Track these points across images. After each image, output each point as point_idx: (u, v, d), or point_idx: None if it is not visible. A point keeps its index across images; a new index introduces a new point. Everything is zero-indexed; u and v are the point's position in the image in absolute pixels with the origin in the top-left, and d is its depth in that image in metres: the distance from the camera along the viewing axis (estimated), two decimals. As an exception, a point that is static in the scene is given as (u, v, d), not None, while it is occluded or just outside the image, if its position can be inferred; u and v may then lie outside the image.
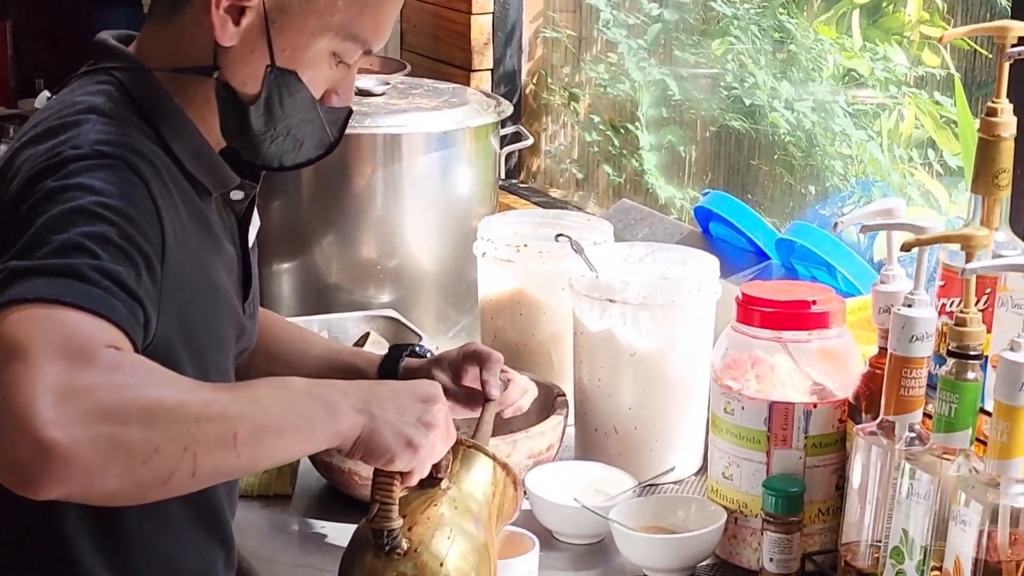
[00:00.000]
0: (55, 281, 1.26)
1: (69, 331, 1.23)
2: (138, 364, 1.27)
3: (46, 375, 1.19)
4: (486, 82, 3.11)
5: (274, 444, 1.31)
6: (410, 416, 1.38)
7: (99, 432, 1.19)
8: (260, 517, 1.88)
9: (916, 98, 2.42)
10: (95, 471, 1.19)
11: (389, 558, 1.39)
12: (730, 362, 1.72)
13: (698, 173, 2.83)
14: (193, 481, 1.26)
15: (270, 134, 1.52)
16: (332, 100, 1.54)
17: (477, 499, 1.48)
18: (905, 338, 1.52)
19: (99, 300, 1.27)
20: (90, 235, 1.31)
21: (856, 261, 2.07)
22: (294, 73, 1.49)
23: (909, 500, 1.50)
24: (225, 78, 1.49)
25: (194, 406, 1.25)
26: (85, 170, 1.36)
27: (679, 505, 1.79)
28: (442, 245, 2.33)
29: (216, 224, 1.56)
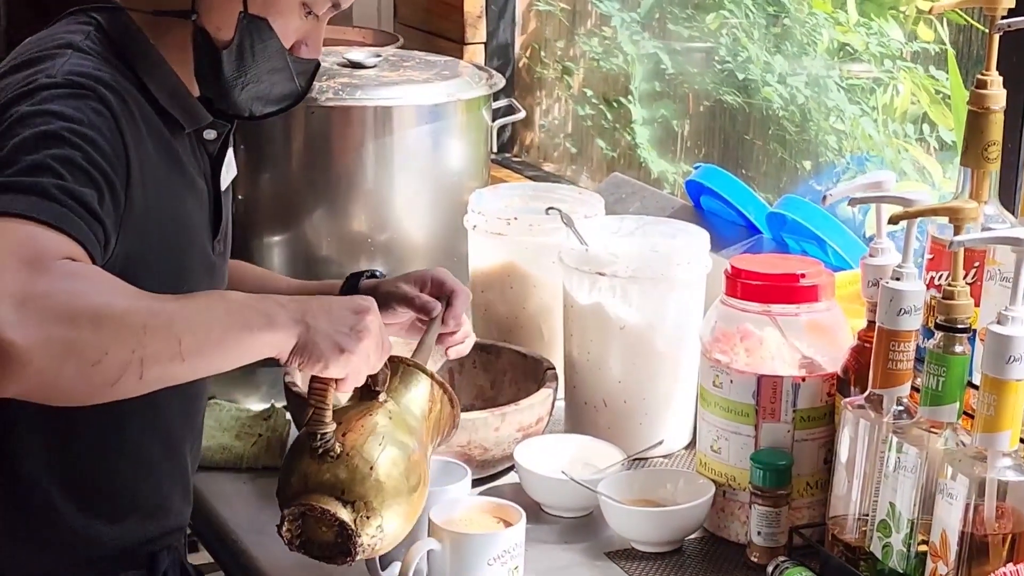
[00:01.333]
0: (20, 197, 1.33)
1: (29, 242, 1.30)
2: (92, 273, 1.34)
3: (5, 281, 1.25)
4: (479, 55, 3.10)
5: (216, 352, 1.37)
6: (343, 326, 1.43)
7: (53, 334, 1.25)
8: (249, 489, 1.88)
9: (911, 73, 2.41)
10: (48, 370, 1.26)
11: (323, 460, 1.45)
12: (719, 335, 1.72)
13: (691, 148, 2.83)
14: (141, 383, 1.32)
15: (241, 80, 1.59)
16: (301, 51, 1.63)
17: (414, 413, 1.54)
18: (893, 311, 1.52)
19: (60, 216, 1.34)
20: (57, 157, 1.38)
21: (847, 235, 2.06)
22: (265, 20, 1.58)
23: (896, 473, 1.50)
24: (201, 23, 1.57)
25: (142, 313, 1.31)
26: (56, 97, 1.44)
27: (667, 478, 1.79)
28: (433, 218, 2.32)
29: (188, 161, 1.63)
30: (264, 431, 1.96)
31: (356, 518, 1.44)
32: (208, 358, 1.37)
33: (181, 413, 1.68)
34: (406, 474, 1.48)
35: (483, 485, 1.85)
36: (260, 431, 1.96)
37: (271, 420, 1.99)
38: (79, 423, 1.56)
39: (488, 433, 1.81)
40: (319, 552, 1.48)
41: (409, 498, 1.48)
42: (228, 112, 1.64)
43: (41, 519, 1.58)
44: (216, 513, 1.83)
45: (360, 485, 1.45)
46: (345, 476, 1.44)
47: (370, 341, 1.45)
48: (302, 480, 1.46)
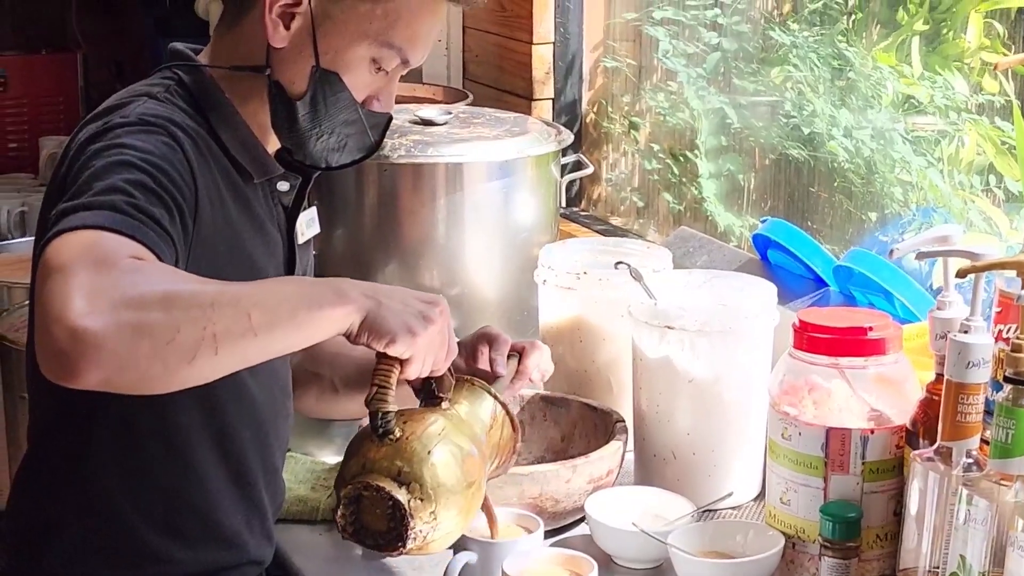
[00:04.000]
0: (94, 213, 1.41)
1: (98, 246, 1.38)
2: (158, 265, 1.41)
3: (77, 279, 1.33)
4: (547, 111, 3.14)
5: (288, 326, 1.41)
6: (413, 309, 1.48)
7: (124, 318, 1.32)
8: (325, 540, 1.91)
9: (977, 124, 2.42)
10: (124, 353, 1.32)
11: (382, 442, 1.49)
12: (787, 388, 1.73)
13: (757, 201, 2.84)
14: (218, 360, 1.37)
15: (316, 131, 1.67)
16: (373, 105, 1.69)
17: (474, 426, 1.59)
18: (961, 364, 1.53)
19: (132, 226, 1.42)
20: (129, 181, 1.46)
21: (914, 288, 2.07)
22: (336, 74, 1.65)
23: (966, 526, 1.50)
24: (276, 76, 1.65)
25: (209, 293, 1.38)
26: (128, 133, 1.53)
27: (737, 530, 1.80)
28: (503, 273, 2.35)
29: (260, 208, 1.70)
30: (339, 483, 1.99)
31: (411, 500, 1.47)
32: (281, 332, 1.40)
33: (252, 443, 1.71)
34: (463, 470, 1.51)
35: (554, 536, 1.87)
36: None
37: (345, 472, 2.02)
38: (149, 446, 1.63)
39: (559, 485, 1.83)
40: (372, 540, 1.50)
41: (464, 493, 1.51)
42: (305, 163, 1.70)
43: (114, 534, 1.65)
44: (291, 563, 1.86)
45: (417, 468, 1.48)
46: (403, 458, 1.48)
47: (437, 328, 1.49)
48: (360, 462, 1.50)
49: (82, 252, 1.36)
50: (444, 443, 1.51)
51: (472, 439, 1.56)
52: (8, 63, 4.50)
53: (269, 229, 1.71)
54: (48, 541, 1.65)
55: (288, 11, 1.63)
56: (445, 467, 1.49)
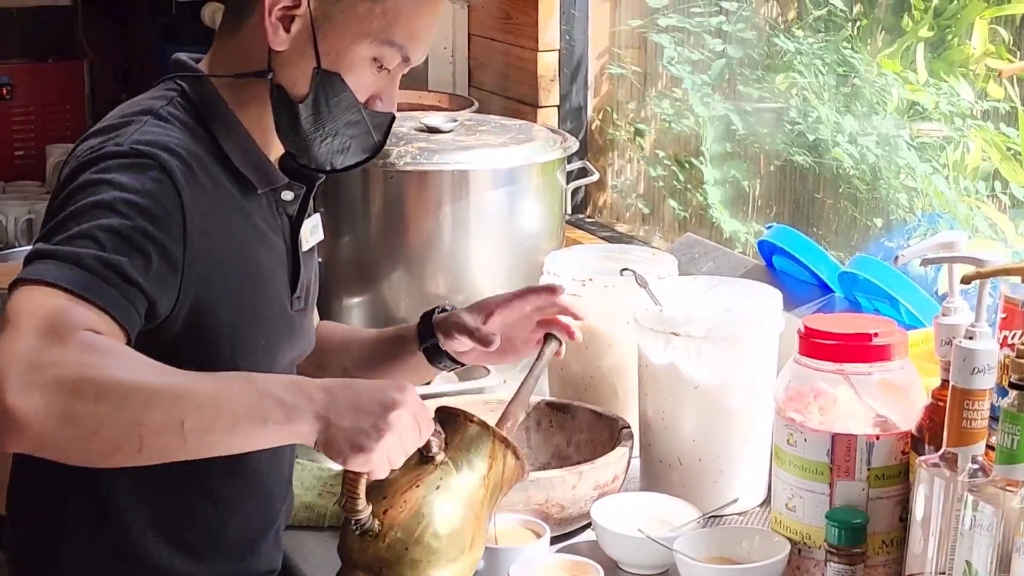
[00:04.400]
0: (59, 266, 1.42)
1: (54, 312, 1.38)
2: (110, 347, 1.40)
3: (23, 347, 1.34)
4: (553, 118, 3.14)
5: (223, 437, 1.41)
6: (365, 423, 1.43)
7: (52, 402, 1.33)
8: (331, 546, 1.90)
9: (982, 130, 2.42)
10: (46, 436, 1.34)
11: (363, 539, 1.52)
12: (793, 394, 1.73)
13: (763, 207, 2.85)
14: (141, 456, 1.38)
15: (319, 133, 1.66)
16: (376, 105, 1.69)
17: (472, 473, 1.57)
18: (967, 370, 1.53)
19: (90, 286, 1.42)
20: (104, 227, 1.47)
21: (919, 294, 2.07)
22: (338, 75, 1.64)
23: (972, 532, 1.50)
24: (278, 80, 1.65)
25: (147, 390, 1.37)
26: (117, 167, 1.53)
27: (743, 536, 1.80)
28: (509, 279, 2.36)
29: (263, 219, 1.69)
30: (345, 490, 2.00)
31: None
32: (214, 441, 1.40)
33: (268, 457, 1.72)
34: (449, 544, 1.52)
35: (560, 543, 1.87)
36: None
37: (352, 479, 2.02)
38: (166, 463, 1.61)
39: (565, 491, 1.84)
40: None
41: (453, 564, 1.53)
42: (310, 166, 1.70)
43: (122, 546, 1.65)
44: (299, 570, 1.86)
45: (398, 564, 1.51)
46: (384, 555, 1.51)
47: (392, 437, 1.44)
48: (348, 554, 1.55)
49: (36, 316, 1.37)
50: (428, 524, 1.52)
51: (464, 495, 1.55)
52: (14, 71, 4.50)
53: (273, 240, 1.71)
54: (54, 550, 1.65)
55: (288, 13, 1.63)
56: (427, 552, 1.51)
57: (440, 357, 1.91)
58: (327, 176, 1.75)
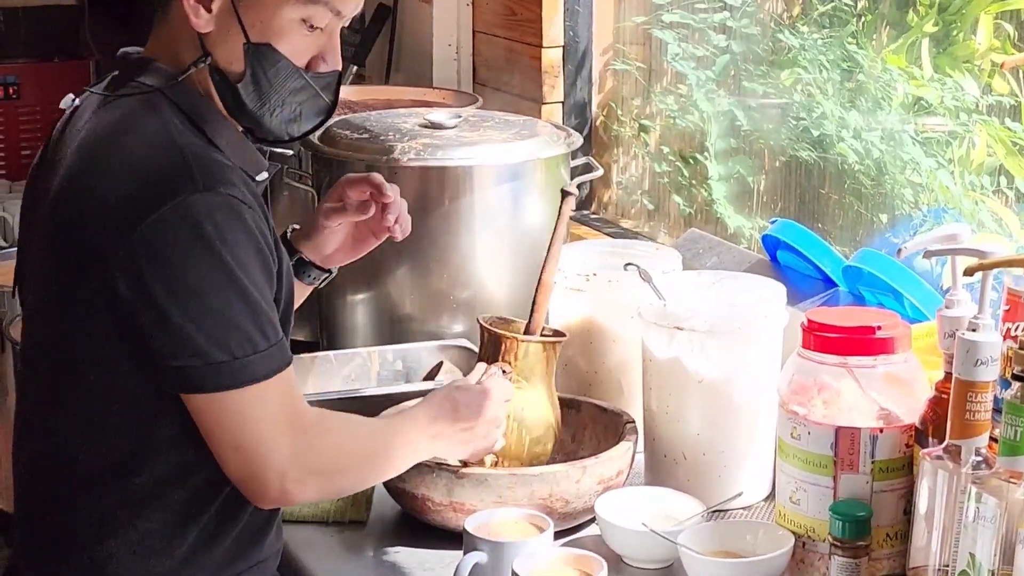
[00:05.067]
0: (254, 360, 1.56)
1: (282, 402, 1.59)
2: (335, 420, 1.68)
3: (281, 444, 1.59)
4: (557, 114, 3.14)
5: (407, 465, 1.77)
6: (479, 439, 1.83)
7: (322, 487, 1.65)
8: (336, 543, 1.92)
9: (987, 125, 2.42)
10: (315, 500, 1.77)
11: None
12: (796, 388, 1.73)
13: (767, 203, 2.85)
14: None
15: (267, 107, 1.64)
16: (319, 65, 1.66)
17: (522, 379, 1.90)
18: (970, 362, 1.53)
19: (280, 356, 1.59)
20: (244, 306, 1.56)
21: (923, 287, 2.07)
22: (269, 45, 1.61)
23: (976, 524, 1.50)
24: (215, 62, 1.62)
25: (379, 458, 1.71)
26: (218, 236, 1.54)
27: (747, 530, 1.80)
28: (514, 275, 2.36)
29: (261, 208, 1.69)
30: (350, 485, 2.00)
31: None
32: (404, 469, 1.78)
33: None
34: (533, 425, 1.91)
35: (565, 537, 1.87)
36: (346, 485, 2.00)
37: (356, 474, 2.02)
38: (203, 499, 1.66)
39: (569, 486, 1.84)
40: None
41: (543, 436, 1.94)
42: (268, 139, 1.69)
43: None
44: (303, 565, 1.86)
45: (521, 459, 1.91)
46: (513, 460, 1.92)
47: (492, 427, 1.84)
48: None
49: (273, 414, 1.58)
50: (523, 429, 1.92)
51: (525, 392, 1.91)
52: (21, 71, 4.51)
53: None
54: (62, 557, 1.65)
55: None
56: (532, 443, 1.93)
57: (306, 270, 1.93)
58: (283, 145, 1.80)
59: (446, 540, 1.84)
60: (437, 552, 1.85)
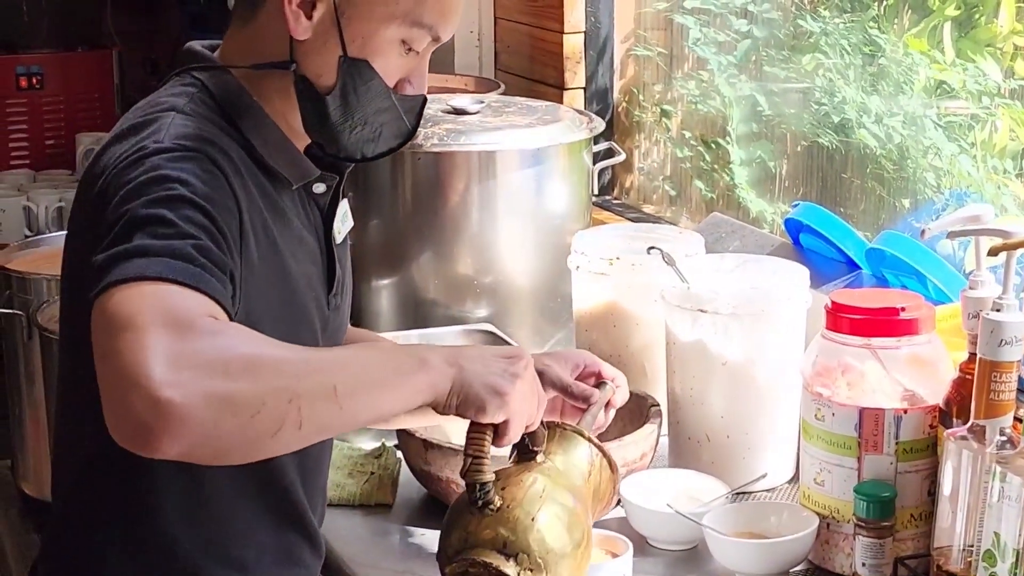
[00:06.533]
0: (157, 260, 1.34)
1: (171, 304, 1.30)
2: (237, 328, 1.34)
3: (155, 342, 1.26)
4: (579, 100, 3.15)
5: (372, 396, 1.36)
6: (497, 368, 1.42)
7: (210, 388, 1.25)
8: (362, 526, 1.93)
9: (1010, 109, 2.41)
10: (209, 426, 1.26)
11: (483, 514, 1.43)
12: (820, 369, 1.74)
13: (789, 187, 2.85)
14: (300, 434, 1.31)
15: (348, 124, 1.58)
16: (406, 88, 1.61)
17: (572, 476, 1.51)
18: (994, 342, 1.54)
19: (196, 276, 1.35)
20: (185, 218, 1.39)
21: (946, 269, 2.08)
22: (366, 62, 1.56)
23: (1000, 503, 1.51)
24: (302, 71, 1.57)
25: (294, 361, 1.33)
26: (170, 161, 1.44)
27: (772, 511, 1.81)
28: (537, 260, 2.37)
29: (297, 216, 1.63)
30: (376, 469, 2.01)
31: (520, 572, 1.42)
32: (365, 403, 1.36)
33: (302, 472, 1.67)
34: (569, 529, 1.45)
35: (590, 519, 1.88)
36: (372, 469, 2.01)
37: (382, 458, 2.04)
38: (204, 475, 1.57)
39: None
40: None
41: (573, 554, 1.45)
42: (339, 156, 1.62)
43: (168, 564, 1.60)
44: (330, 548, 1.87)
45: (523, 538, 1.42)
46: (507, 529, 1.42)
47: (525, 384, 1.42)
48: (462, 536, 1.44)
49: (154, 309, 1.29)
50: (548, 505, 1.44)
51: (573, 492, 1.48)
52: (45, 61, 4.54)
53: (307, 237, 1.65)
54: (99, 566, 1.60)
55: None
56: (551, 531, 1.43)
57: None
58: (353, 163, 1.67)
59: (472, 522, 1.85)
60: (463, 534, 1.85)
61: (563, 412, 1.72)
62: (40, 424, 2.73)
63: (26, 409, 2.79)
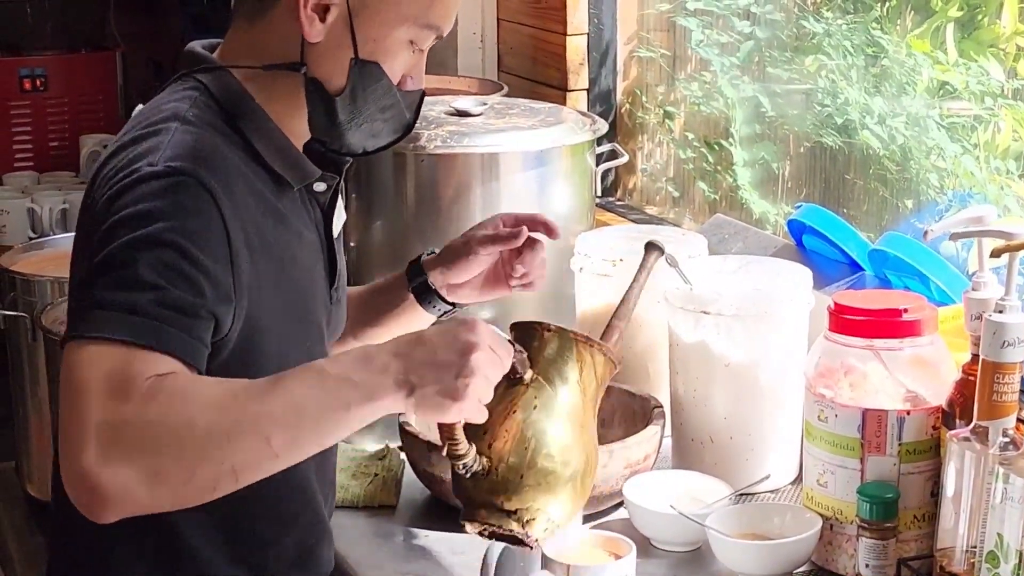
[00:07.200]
0: (114, 316, 1.40)
1: (117, 369, 1.37)
2: (173, 390, 1.38)
3: (91, 414, 1.34)
4: (582, 102, 3.15)
5: (311, 438, 1.40)
6: (448, 376, 1.40)
7: (140, 465, 1.34)
8: (366, 527, 1.93)
9: (1012, 109, 2.41)
10: (144, 498, 1.35)
11: (475, 479, 1.50)
12: (823, 371, 1.74)
13: (792, 188, 2.85)
14: (239, 483, 1.39)
15: (355, 122, 1.61)
16: (407, 84, 1.64)
17: (565, 381, 1.55)
18: (997, 344, 1.54)
19: (152, 333, 1.40)
20: (154, 264, 1.43)
21: (949, 270, 2.08)
22: (376, 64, 1.59)
23: (1003, 504, 1.51)
24: (312, 73, 1.59)
25: (225, 423, 1.37)
26: (156, 193, 1.46)
27: (775, 512, 1.81)
28: (540, 261, 2.36)
29: (296, 216, 1.65)
30: (379, 471, 2.02)
31: (522, 523, 1.49)
32: (305, 446, 1.40)
33: (315, 464, 1.67)
34: (563, 463, 1.50)
35: (592, 521, 1.88)
36: (375, 471, 2.02)
37: (386, 460, 2.04)
38: None
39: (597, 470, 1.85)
40: (508, 539, 1.54)
41: (572, 483, 1.51)
42: (342, 152, 1.65)
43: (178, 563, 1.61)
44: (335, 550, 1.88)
45: (516, 495, 1.48)
46: (500, 488, 1.49)
47: (478, 379, 1.41)
48: (464, 496, 1.52)
49: (98, 377, 1.36)
50: (537, 448, 1.49)
51: (564, 409, 1.52)
52: (48, 63, 4.54)
53: (308, 236, 1.67)
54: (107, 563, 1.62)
55: (323, 2, 1.56)
56: (542, 475, 1.48)
57: (430, 298, 1.85)
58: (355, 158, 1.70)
59: (475, 524, 1.85)
60: (467, 536, 1.84)
61: (504, 264, 1.83)
62: (44, 426, 2.74)
63: (30, 411, 2.79)
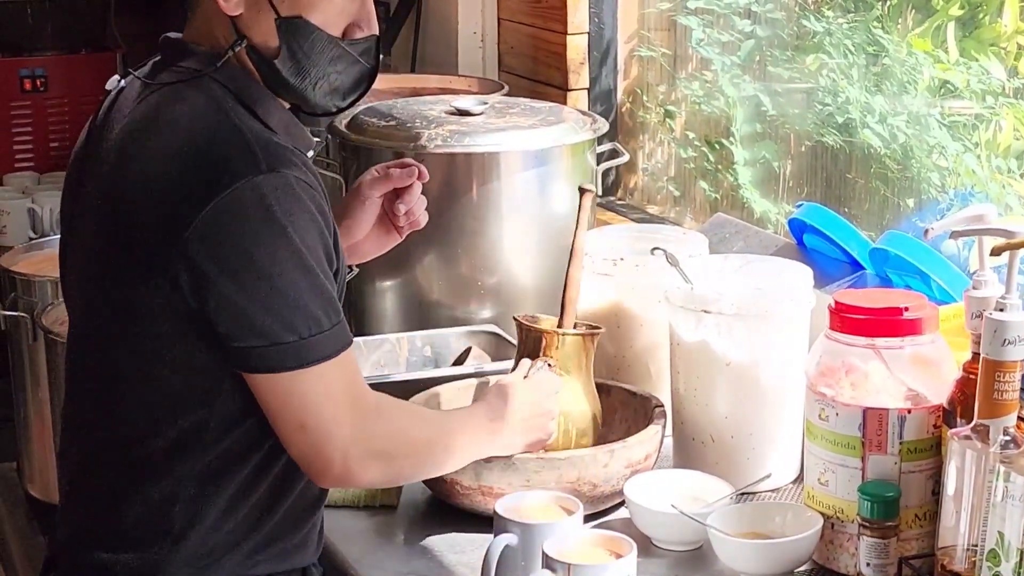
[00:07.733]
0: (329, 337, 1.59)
1: (347, 387, 1.61)
2: (394, 408, 1.71)
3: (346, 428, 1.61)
4: (582, 101, 3.15)
5: (468, 460, 1.79)
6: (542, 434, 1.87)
7: (383, 470, 1.67)
8: (367, 527, 1.93)
9: (1014, 108, 2.41)
10: (380, 485, 1.88)
11: None
12: (824, 370, 1.74)
13: (793, 187, 2.85)
14: None
15: (308, 81, 1.65)
16: (355, 32, 1.66)
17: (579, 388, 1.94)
18: (997, 342, 1.54)
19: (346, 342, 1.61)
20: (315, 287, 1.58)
21: (950, 269, 2.08)
22: (300, 17, 1.61)
23: (1004, 503, 1.51)
24: (251, 43, 1.62)
25: (438, 446, 1.74)
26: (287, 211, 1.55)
27: (776, 511, 1.81)
28: (540, 260, 2.37)
29: None
30: (380, 470, 2.02)
31: None
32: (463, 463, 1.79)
33: None
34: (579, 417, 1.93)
35: (594, 520, 1.88)
36: (376, 470, 2.02)
37: (387, 459, 2.04)
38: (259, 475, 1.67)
39: (597, 469, 1.85)
40: None
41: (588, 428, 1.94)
42: (317, 113, 1.70)
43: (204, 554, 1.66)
44: (336, 550, 1.88)
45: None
46: None
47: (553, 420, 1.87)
48: None
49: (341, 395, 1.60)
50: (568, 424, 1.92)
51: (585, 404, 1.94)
52: (48, 63, 4.54)
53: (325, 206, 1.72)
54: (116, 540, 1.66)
55: None
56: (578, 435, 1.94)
57: None
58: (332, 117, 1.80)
59: (476, 523, 1.85)
60: (467, 535, 1.86)
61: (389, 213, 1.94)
62: (45, 426, 2.74)
63: (31, 411, 2.79)
